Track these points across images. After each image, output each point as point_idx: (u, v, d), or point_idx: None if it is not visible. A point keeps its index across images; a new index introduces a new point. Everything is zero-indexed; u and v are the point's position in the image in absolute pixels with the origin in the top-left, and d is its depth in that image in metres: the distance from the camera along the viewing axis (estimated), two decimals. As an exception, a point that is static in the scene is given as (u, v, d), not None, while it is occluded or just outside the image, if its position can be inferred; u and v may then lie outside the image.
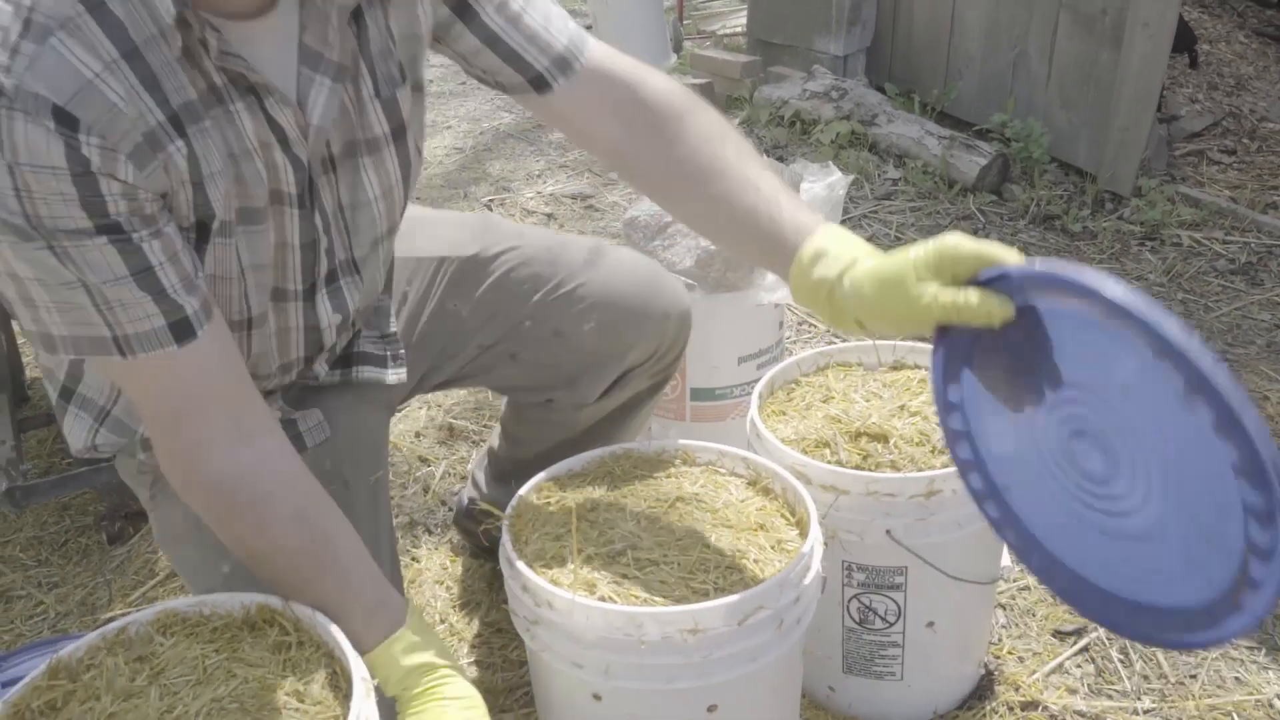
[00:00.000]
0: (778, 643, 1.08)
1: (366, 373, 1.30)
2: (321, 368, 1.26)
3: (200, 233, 1.02)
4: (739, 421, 1.88)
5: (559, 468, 1.30)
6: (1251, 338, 2.46)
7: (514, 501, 1.24)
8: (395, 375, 1.31)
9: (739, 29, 5.27)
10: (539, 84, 1.17)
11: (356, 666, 0.97)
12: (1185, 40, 3.87)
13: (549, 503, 1.25)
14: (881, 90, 3.88)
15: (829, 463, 1.28)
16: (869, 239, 3.00)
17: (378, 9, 1.09)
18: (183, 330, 0.97)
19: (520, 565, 1.11)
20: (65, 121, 0.87)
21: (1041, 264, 0.86)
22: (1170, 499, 0.84)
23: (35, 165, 0.87)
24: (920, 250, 0.94)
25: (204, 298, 1.00)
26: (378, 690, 0.99)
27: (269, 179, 1.04)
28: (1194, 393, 0.77)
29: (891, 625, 1.35)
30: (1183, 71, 3.96)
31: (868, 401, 1.41)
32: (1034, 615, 1.63)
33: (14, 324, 2.19)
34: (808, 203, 1.14)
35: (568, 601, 1.05)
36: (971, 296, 0.89)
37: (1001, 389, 0.94)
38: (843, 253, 1.03)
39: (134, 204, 0.93)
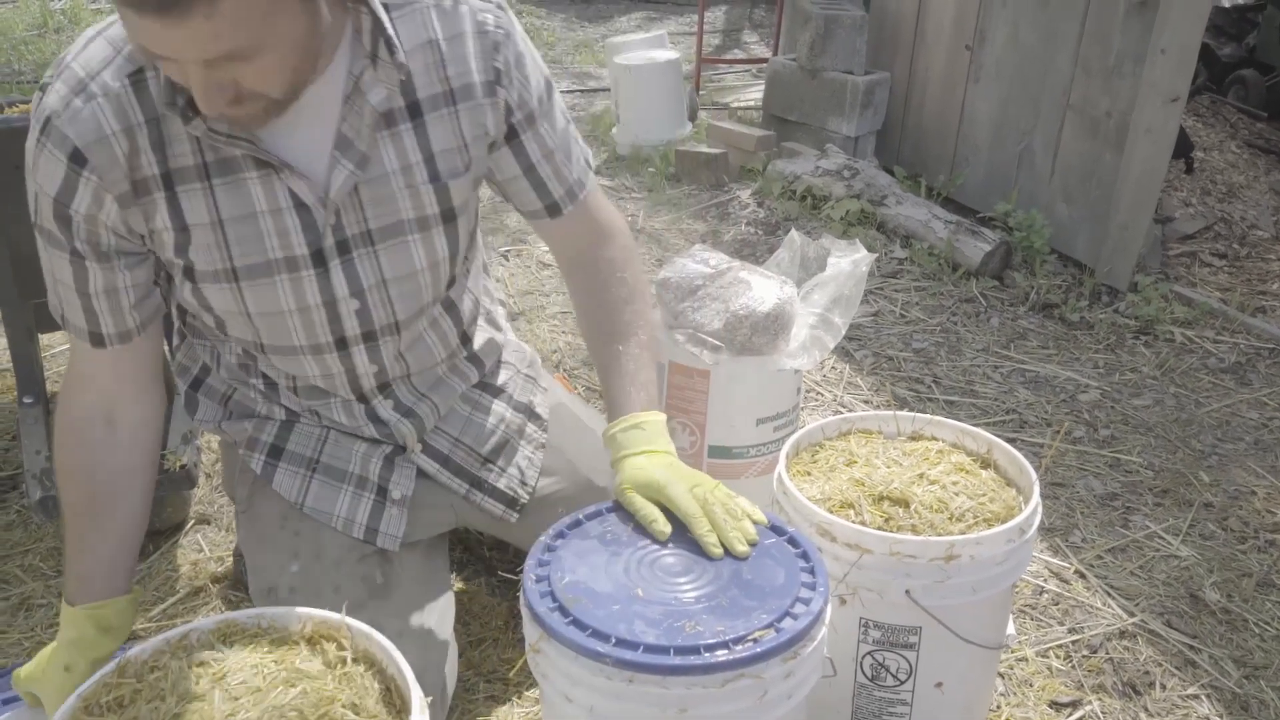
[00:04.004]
0: (757, 713, 1.06)
1: (487, 504, 1.51)
2: (391, 415, 1.45)
3: (189, 275, 1.25)
4: (754, 480, 1.95)
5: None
6: (1240, 434, 2.56)
7: None
8: (509, 515, 1.54)
9: (753, 103, 5.44)
10: (553, 210, 1.40)
11: (414, 686, 1.02)
12: (1183, 147, 4.04)
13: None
14: (890, 172, 4.02)
15: (854, 522, 1.35)
16: (875, 314, 3.12)
17: (445, 111, 1.25)
18: (96, 340, 1.26)
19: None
20: (77, 159, 1.14)
21: None
22: None
23: (41, 189, 1.17)
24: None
25: (125, 329, 1.26)
26: (431, 708, 1.05)
27: (280, 242, 1.22)
28: None
29: (902, 683, 1.41)
30: (1178, 176, 4.13)
31: (889, 467, 1.49)
32: (1031, 685, 1.69)
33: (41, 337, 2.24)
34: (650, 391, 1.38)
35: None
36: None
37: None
38: (626, 443, 1.28)
39: (93, 242, 1.20)
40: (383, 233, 1.27)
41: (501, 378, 1.59)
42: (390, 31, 1.17)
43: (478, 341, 1.54)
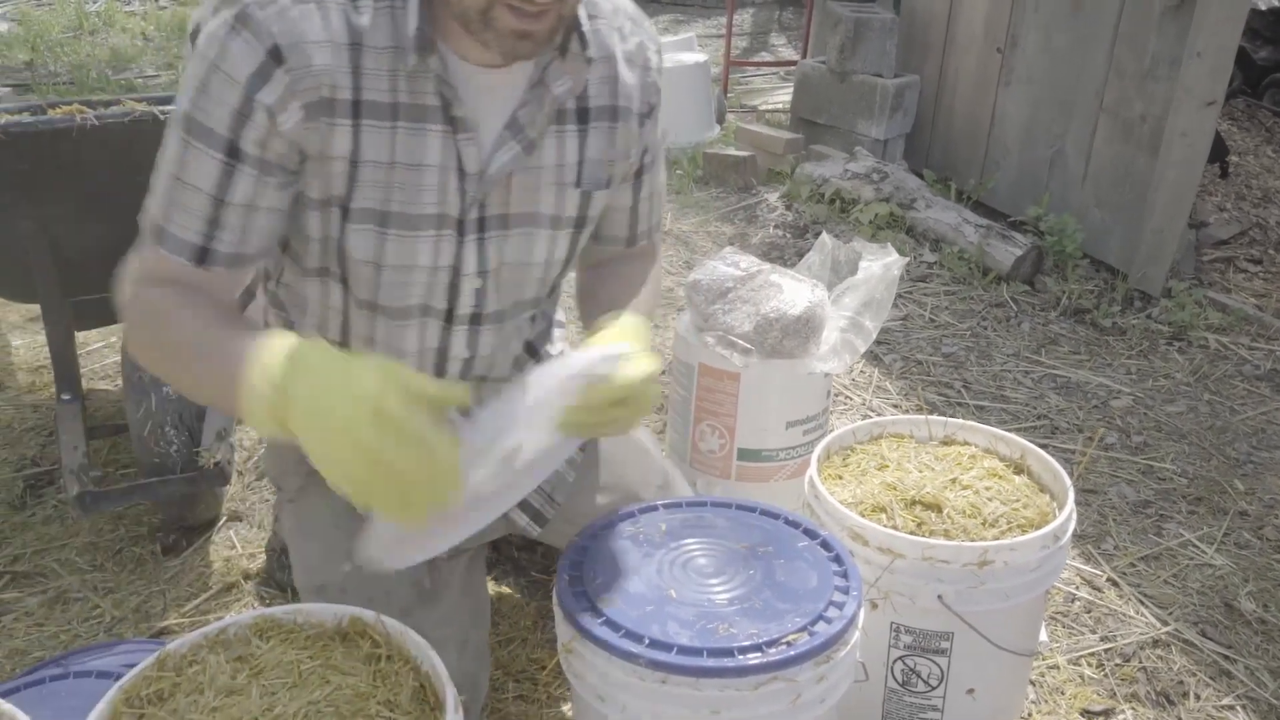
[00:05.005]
0: (790, 716, 1.06)
1: (515, 513, 1.44)
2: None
3: (347, 215, 1.18)
4: (783, 484, 1.95)
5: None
6: (1276, 443, 2.53)
7: None
8: (532, 529, 1.47)
9: (780, 105, 5.43)
10: (630, 242, 1.42)
11: (448, 684, 1.03)
12: (1218, 151, 4.00)
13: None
14: (919, 175, 4.00)
15: (886, 526, 1.35)
16: (904, 319, 3.10)
17: (605, 124, 1.27)
18: (202, 256, 1.13)
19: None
20: (275, 55, 1.07)
21: None
22: None
23: (226, 73, 1.07)
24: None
25: (240, 253, 1.14)
26: (465, 705, 1.05)
27: (437, 198, 1.19)
28: None
29: (933, 689, 1.40)
30: (1213, 180, 4.08)
31: (921, 472, 1.48)
32: (1063, 693, 1.68)
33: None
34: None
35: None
36: None
37: None
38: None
39: (261, 146, 1.10)
40: (518, 219, 1.26)
41: None
42: (585, 28, 1.21)
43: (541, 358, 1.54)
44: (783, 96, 5.59)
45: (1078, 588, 1.96)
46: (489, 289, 1.29)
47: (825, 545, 1.22)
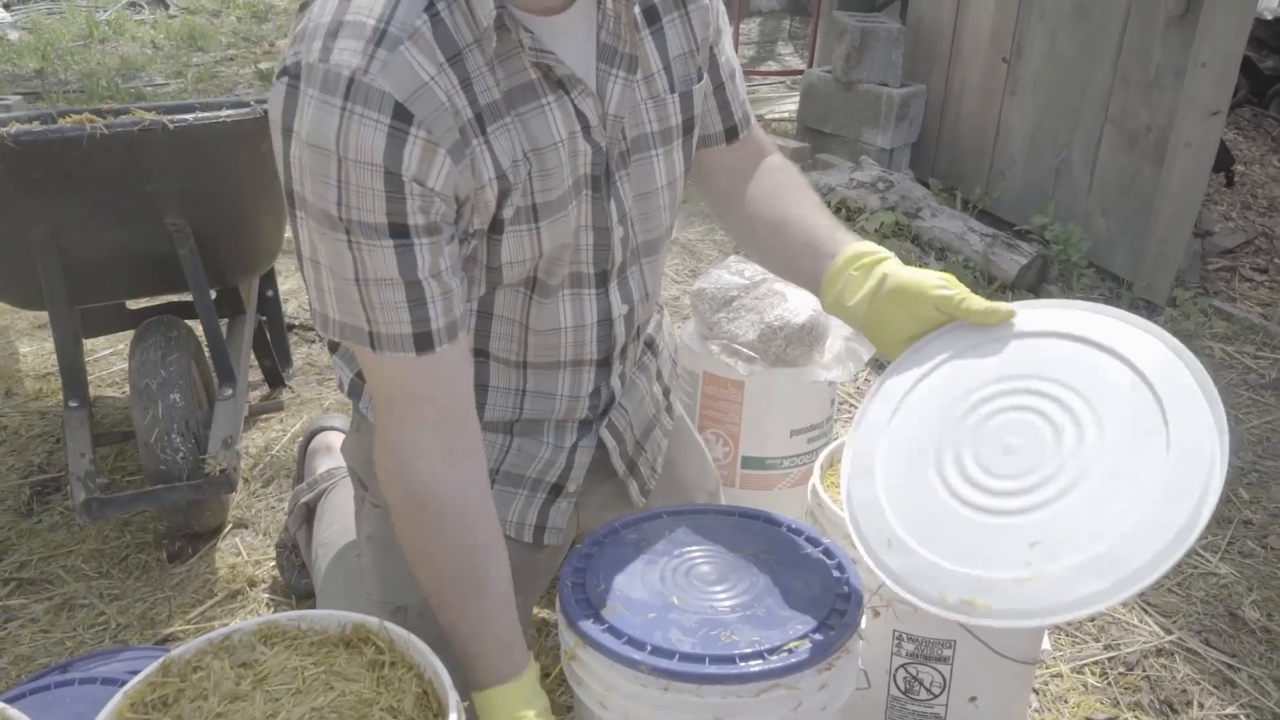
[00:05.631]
0: None
1: (631, 487, 1.45)
2: (616, 383, 1.38)
3: (495, 227, 1.12)
4: (787, 492, 1.95)
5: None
6: (1281, 452, 2.53)
7: None
8: (639, 499, 1.46)
9: (787, 114, 5.44)
10: (731, 134, 1.35)
11: (450, 690, 1.03)
12: (1223, 160, 4.00)
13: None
14: (925, 184, 4.01)
15: (888, 535, 1.35)
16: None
17: (676, 14, 1.22)
18: (424, 342, 1.08)
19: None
20: (402, 116, 0.98)
21: None
22: None
23: (359, 160, 0.98)
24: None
25: (453, 320, 1.10)
26: (468, 711, 1.06)
27: (570, 168, 1.14)
28: None
29: (935, 697, 1.40)
30: (1218, 189, 4.08)
31: (924, 480, 1.48)
32: (1066, 702, 1.68)
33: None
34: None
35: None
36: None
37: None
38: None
39: (426, 210, 1.03)
40: (635, 146, 1.21)
41: (655, 354, 1.52)
42: None
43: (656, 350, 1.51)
44: (789, 105, 5.60)
45: (1082, 597, 1.95)
46: (631, 232, 1.25)
47: (828, 553, 1.22)
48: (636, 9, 1.18)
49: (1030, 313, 1.18)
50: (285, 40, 1.05)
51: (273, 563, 1.97)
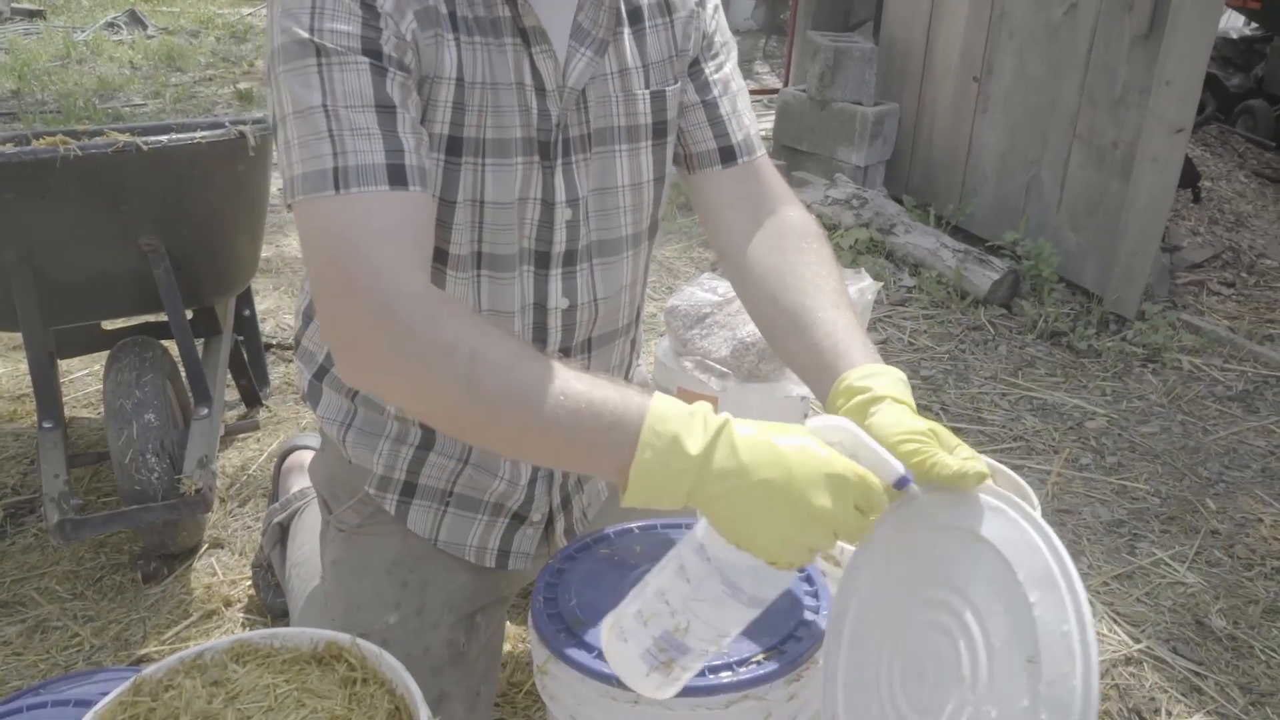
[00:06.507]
0: None
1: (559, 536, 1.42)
2: None
3: (452, 148, 1.11)
4: (761, 506, 1.97)
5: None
6: (1247, 462, 2.56)
7: None
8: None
9: (763, 133, 5.48)
10: (727, 156, 1.27)
11: (422, 705, 1.04)
12: (1190, 176, 4.07)
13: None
14: (899, 201, 4.06)
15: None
16: (883, 342, 3.14)
17: (660, 21, 1.24)
18: (397, 175, 0.99)
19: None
20: None
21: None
22: None
23: None
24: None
25: (425, 167, 1.02)
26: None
27: (522, 120, 1.14)
28: None
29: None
30: (1186, 205, 4.15)
31: (892, 494, 1.50)
32: None
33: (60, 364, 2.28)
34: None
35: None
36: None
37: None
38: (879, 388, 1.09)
39: (400, 50, 1.03)
40: (597, 136, 1.21)
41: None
42: None
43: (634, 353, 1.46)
44: (766, 124, 5.65)
45: (1052, 608, 1.98)
46: (580, 221, 1.23)
47: (796, 566, 1.24)
48: (622, 4, 1.20)
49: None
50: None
51: (249, 582, 1.97)
